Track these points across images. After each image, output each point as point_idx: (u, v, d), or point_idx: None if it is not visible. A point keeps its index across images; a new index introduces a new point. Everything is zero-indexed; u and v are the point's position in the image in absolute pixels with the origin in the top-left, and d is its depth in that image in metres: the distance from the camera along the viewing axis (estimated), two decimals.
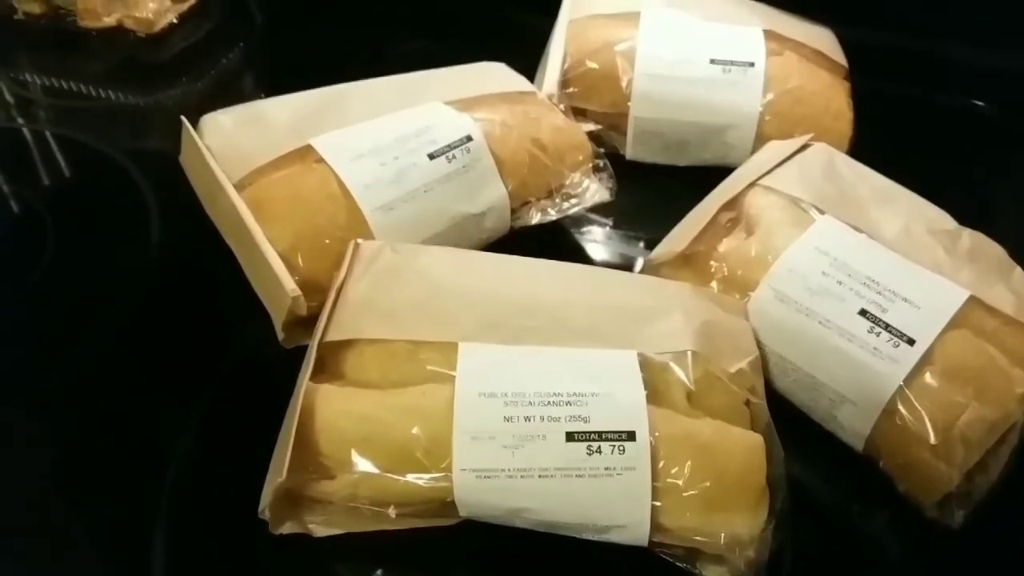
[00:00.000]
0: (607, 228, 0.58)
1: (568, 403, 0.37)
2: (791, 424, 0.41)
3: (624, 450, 0.36)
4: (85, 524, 0.42)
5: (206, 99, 0.68)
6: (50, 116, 0.66)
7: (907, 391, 0.41)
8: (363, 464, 0.37)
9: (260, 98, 0.65)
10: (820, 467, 0.43)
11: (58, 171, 0.61)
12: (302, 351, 0.43)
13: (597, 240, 0.57)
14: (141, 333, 0.50)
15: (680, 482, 0.36)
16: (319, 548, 0.38)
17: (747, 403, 0.41)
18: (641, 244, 0.57)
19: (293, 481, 0.37)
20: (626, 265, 0.55)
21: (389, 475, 0.37)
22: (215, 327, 0.50)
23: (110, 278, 0.53)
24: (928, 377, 0.41)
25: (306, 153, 0.48)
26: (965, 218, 0.49)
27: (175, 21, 0.71)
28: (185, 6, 0.72)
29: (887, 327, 0.42)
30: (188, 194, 0.51)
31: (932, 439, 0.40)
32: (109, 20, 0.68)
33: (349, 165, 0.47)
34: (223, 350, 0.49)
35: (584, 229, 0.58)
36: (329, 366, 0.40)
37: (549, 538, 0.38)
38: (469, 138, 0.49)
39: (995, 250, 0.48)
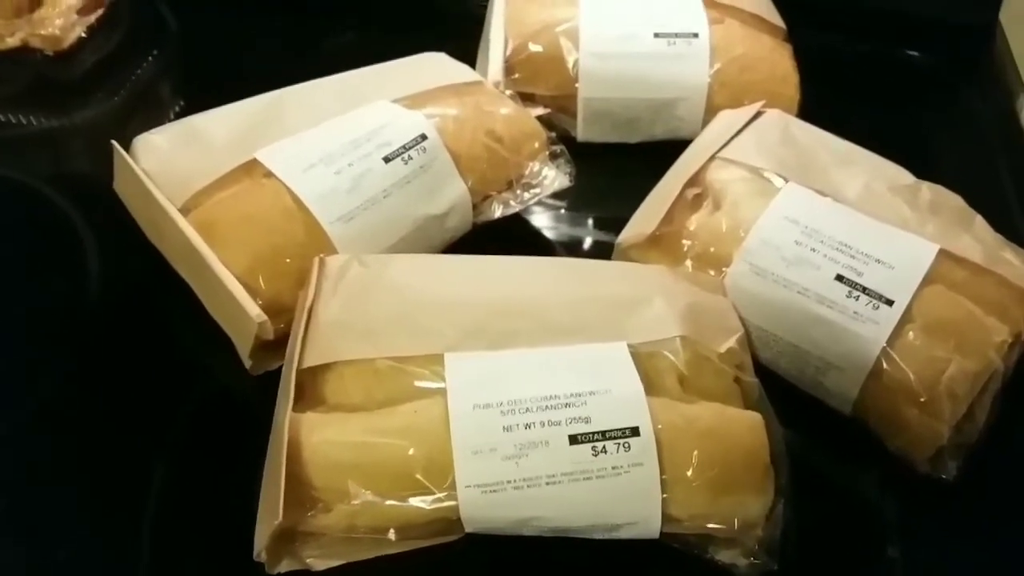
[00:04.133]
0: (568, 214, 0.57)
1: (567, 405, 0.36)
2: (776, 394, 0.41)
3: (629, 447, 0.35)
4: None
5: (125, 115, 0.64)
6: None
7: (891, 351, 0.42)
8: (360, 493, 0.35)
9: (180, 107, 0.62)
10: (810, 434, 0.43)
11: None
12: (271, 377, 0.41)
13: (560, 228, 0.56)
14: (93, 378, 0.46)
15: (687, 471, 0.36)
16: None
17: (736, 380, 0.41)
18: (605, 227, 0.55)
19: (288, 520, 0.35)
20: (594, 250, 0.54)
21: (389, 501, 0.35)
22: (174, 362, 0.47)
23: (50, 321, 0.49)
24: (910, 335, 0.42)
25: (252, 168, 0.45)
26: (915, 170, 0.50)
27: (84, 35, 0.66)
28: (92, 18, 0.67)
29: (865, 290, 0.43)
30: (125, 220, 0.48)
31: (920, 397, 0.41)
32: (12, 40, 0.63)
33: (301, 177, 0.45)
34: (186, 386, 0.46)
35: (545, 217, 0.57)
36: (308, 393, 0.38)
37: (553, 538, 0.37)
38: (424, 136, 0.47)
39: (955, 200, 0.49)
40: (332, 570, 0.36)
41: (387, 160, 0.46)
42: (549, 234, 0.56)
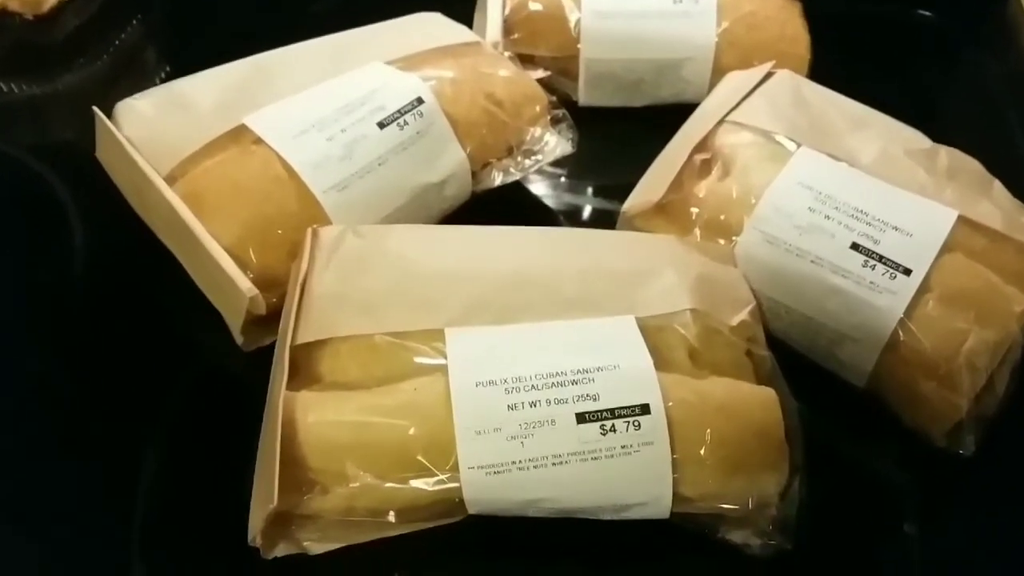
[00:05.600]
0: (571, 181, 0.55)
1: (574, 382, 0.34)
2: (787, 367, 0.39)
3: (639, 425, 0.34)
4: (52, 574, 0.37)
5: (109, 81, 0.62)
6: None
7: (908, 323, 0.40)
8: (358, 475, 0.34)
9: (166, 73, 0.59)
10: (823, 408, 0.42)
11: None
12: (263, 353, 0.39)
13: (562, 196, 0.55)
14: (78, 356, 0.44)
15: (700, 450, 0.34)
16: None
17: (748, 354, 0.39)
18: (609, 195, 0.54)
19: (284, 504, 0.33)
20: (597, 219, 0.53)
21: (389, 483, 0.33)
22: (163, 339, 0.45)
23: (33, 296, 0.47)
24: (928, 306, 0.40)
25: (240, 134, 0.43)
26: (927, 134, 0.48)
27: None
28: None
29: (881, 259, 0.41)
30: (110, 191, 0.46)
31: (938, 369, 0.40)
32: None
33: (292, 143, 0.43)
34: (176, 364, 0.44)
35: (546, 185, 0.55)
36: (302, 370, 0.37)
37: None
38: (420, 100, 0.45)
39: (972, 165, 0.47)
40: (330, 553, 0.35)
41: (381, 126, 0.44)
42: (551, 203, 0.54)
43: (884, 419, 0.42)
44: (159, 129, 0.44)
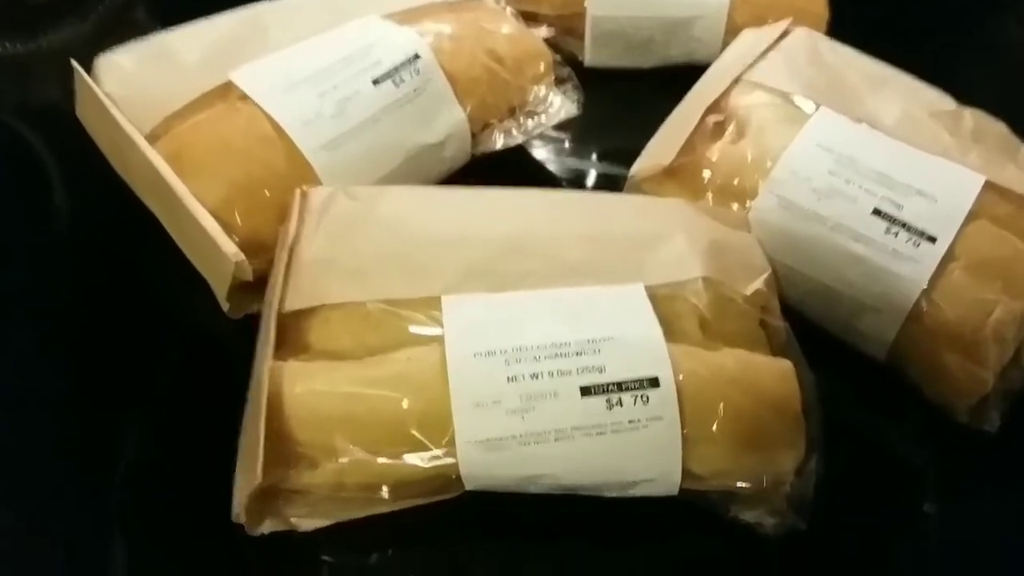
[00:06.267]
0: (575, 145, 0.53)
1: (578, 353, 0.32)
2: (803, 339, 0.37)
3: (648, 399, 0.32)
4: (29, 547, 0.36)
5: (96, 38, 0.59)
6: None
7: (932, 293, 0.38)
8: (349, 449, 0.32)
9: (157, 31, 0.57)
10: (840, 382, 0.40)
11: None
12: (252, 320, 0.37)
13: (566, 160, 0.53)
14: (60, 321, 0.43)
15: (712, 425, 0.32)
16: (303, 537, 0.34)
17: (762, 324, 0.37)
18: (616, 160, 0.52)
19: (269, 479, 0.31)
20: (603, 185, 0.51)
21: (381, 459, 0.32)
22: (147, 305, 0.43)
23: (13, 259, 0.45)
24: (953, 275, 0.39)
25: (227, 91, 0.41)
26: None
27: None
28: None
29: (904, 226, 0.39)
30: (93, 150, 0.44)
31: (963, 341, 0.38)
32: None
33: (281, 100, 0.41)
34: (161, 331, 0.42)
35: (550, 149, 0.53)
36: (291, 338, 0.35)
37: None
38: (417, 56, 0.43)
39: (998, 128, 0.45)
40: (320, 529, 0.33)
41: (376, 82, 0.42)
42: (554, 167, 0.52)
43: (904, 393, 0.40)
44: (141, 85, 0.42)
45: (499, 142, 0.46)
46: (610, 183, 0.50)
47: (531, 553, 0.36)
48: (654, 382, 0.32)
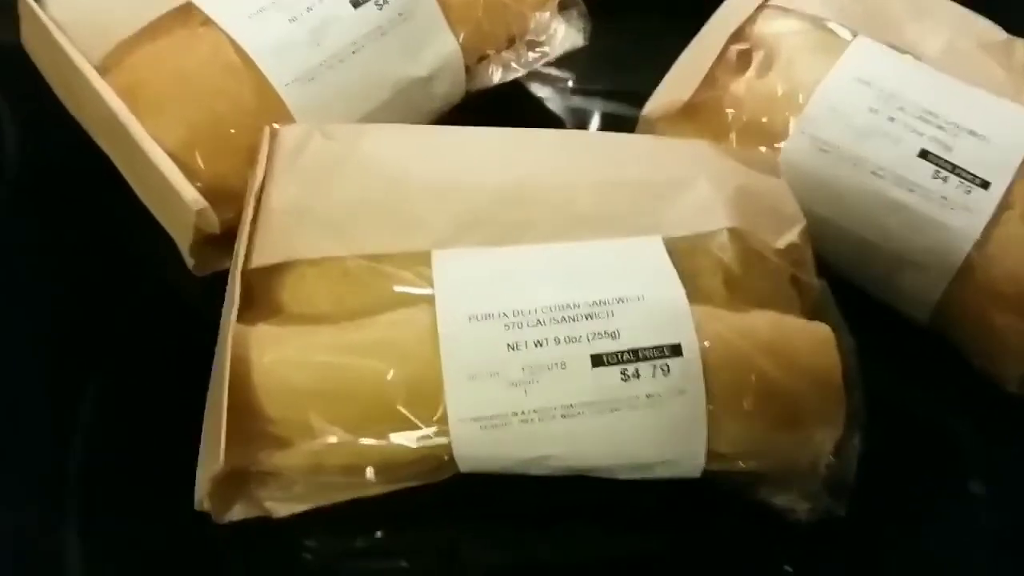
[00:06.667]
0: (582, 81, 0.49)
1: (588, 316, 0.28)
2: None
3: (668, 369, 0.28)
4: None
5: None
6: None
7: (985, 246, 0.35)
8: (326, 428, 0.28)
9: None
10: (876, 347, 0.36)
11: None
12: (222, 278, 0.33)
13: (571, 98, 0.49)
14: (9, 280, 0.39)
15: (742, 399, 0.29)
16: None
17: (793, 281, 0.33)
18: (626, 98, 0.47)
19: (234, 462, 0.28)
20: (613, 126, 0.46)
21: (364, 439, 0.28)
22: (107, 260, 0.39)
23: None
24: (1009, 226, 0.35)
25: (187, 14, 0.37)
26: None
27: None
28: None
29: (955, 169, 0.35)
30: (44, 88, 0.40)
31: (1018, 301, 0.34)
32: None
33: (248, 24, 0.36)
34: (122, 289, 0.38)
35: (553, 86, 0.48)
36: (260, 299, 0.31)
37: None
38: None
39: None
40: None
41: (356, 4, 0.38)
42: (557, 106, 0.48)
43: (948, 360, 0.37)
44: (91, 8, 0.38)
45: (497, 76, 0.42)
46: (620, 124, 0.45)
47: (532, 536, 0.33)
48: (676, 350, 0.28)
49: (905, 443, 0.35)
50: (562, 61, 0.45)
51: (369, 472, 0.29)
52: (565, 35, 0.43)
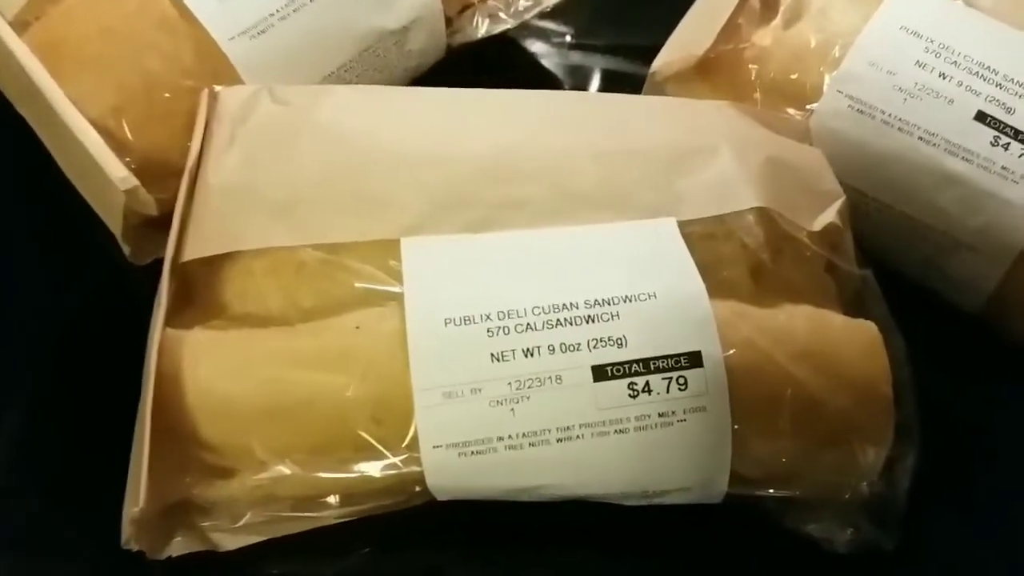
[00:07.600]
0: (580, 36, 0.45)
1: (590, 318, 0.24)
2: None
3: (686, 382, 0.24)
4: None
5: None
6: None
7: None
8: (274, 457, 0.24)
9: None
10: (920, 343, 0.31)
11: None
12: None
13: (568, 55, 0.45)
14: None
15: (774, 417, 0.25)
16: None
17: (829, 268, 0.29)
18: (631, 55, 0.44)
19: (162, 498, 0.23)
20: (615, 86, 0.42)
21: (319, 471, 0.24)
22: (42, 247, 0.35)
23: None
24: None
25: None
26: None
27: None
28: None
29: (1017, 135, 0.32)
30: None
31: None
32: None
33: None
34: (59, 279, 0.34)
35: (548, 41, 0.45)
36: (198, 297, 0.27)
37: None
38: None
39: None
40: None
41: None
42: (552, 64, 0.44)
43: (1005, 359, 0.33)
44: None
45: (482, 28, 0.38)
46: (624, 83, 0.41)
47: (523, 559, 0.28)
48: (694, 359, 0.24)
49: (952, 452, 0.30)
50: (559, 11, 0.42)
51: (331, 500, 0.25)
52: None
